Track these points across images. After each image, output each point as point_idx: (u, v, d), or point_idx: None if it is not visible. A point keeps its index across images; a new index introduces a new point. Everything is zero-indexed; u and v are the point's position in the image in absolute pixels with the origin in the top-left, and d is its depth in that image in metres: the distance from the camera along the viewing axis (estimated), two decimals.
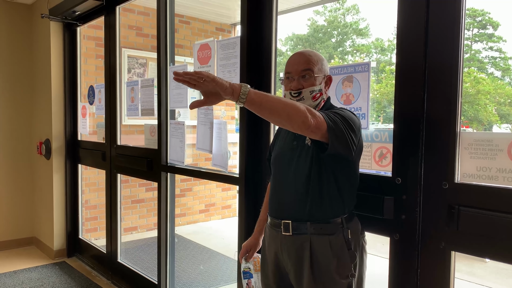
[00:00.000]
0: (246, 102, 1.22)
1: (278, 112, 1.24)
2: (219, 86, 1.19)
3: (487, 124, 14.21)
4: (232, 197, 6.01)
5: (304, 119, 1.25)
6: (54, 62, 4.02)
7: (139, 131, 4.87)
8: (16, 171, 4.42)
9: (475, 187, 1.35)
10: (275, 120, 1.28)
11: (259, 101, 1.23)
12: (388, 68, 16.95)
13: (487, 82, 14.90)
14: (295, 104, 1.27)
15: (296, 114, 1.25)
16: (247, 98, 1.21)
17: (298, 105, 1.27)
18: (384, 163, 1.66)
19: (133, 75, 4.93)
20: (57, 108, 4.05)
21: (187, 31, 5.38)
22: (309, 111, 1.28)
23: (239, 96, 1.21)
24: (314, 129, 1.28)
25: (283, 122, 1.28)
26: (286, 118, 1.25)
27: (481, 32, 18.46)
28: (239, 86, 1.22)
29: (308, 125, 1.26)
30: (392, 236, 1.56)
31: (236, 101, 1.22)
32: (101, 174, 4.48)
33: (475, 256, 1.40)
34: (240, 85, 1.22)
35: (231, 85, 1.21)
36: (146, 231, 5.13)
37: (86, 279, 3.57)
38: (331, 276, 1.43)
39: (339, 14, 24.41)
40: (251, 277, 1.78)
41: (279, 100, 1.26)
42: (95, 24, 4.15)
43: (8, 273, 3.68)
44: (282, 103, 1.25)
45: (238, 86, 1.22)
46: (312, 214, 1.46)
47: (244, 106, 1.23)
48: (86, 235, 4.39)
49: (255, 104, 1.23)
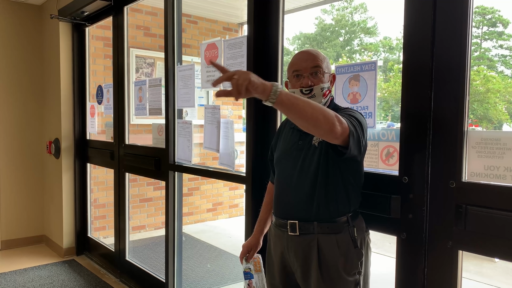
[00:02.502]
0: (276, 102, 1.19)
1: (306, 117, 1.22)
2: (252, 85, 1.16)
3: (497, 123, 14.06)
4: (239, 196, 6.02)
5: (331, 127, 1.24)
6: (63, 62, 4.06)
7: (147, 130, 4.90)
8: (26, 170, 4.48)
9: (482, 186, 1.35)
10: (302, 124, 1.26)
11: (289, 104, 1.20)
12: (396, 67, 16.86)
13: (497, 80, 14.74)
14: (324, 111, 1.24)
15: (325, 121, 1.23)
16: (277, 100, 1.18)
17: (327, 111, 1.25)
18: (391, 162, 1.66)
19: (141, 74, 4.96)
20: (66, 108, 4.09)
21: (194, 30, 5.40)
22: (337, 118, 1.26)
23: (269, 96, 1.18)
24: (340, 136, 1.28)
25: (309, 127, 1.26)
26: (314, 124, 1.23)
27: (490, 30, 18.27)
28: (270, 85, 1.19)
29: (335, 132, 1.25)
30: (399, 235, 1.56)
31: (266, 99, 1.19)
32: (109, 173, 4.52)
33: (483, 256, 1.39)
34: (271, 85, 1.19)
35: (263, 83, 1.19)
36: (154, 229, 5.16)
37: (95, 277, 3.61)
38: (339, 274, 1.44)
39: (347, 12, 24.31)
40: (251, 277, 1.78)
41: (309, 105, 1.23)
42: (103, 24, 4.18)
43: (19, 270, 3.73)
44: (311, 108, 1.22)
45: (269, 85, 1.19)
46: (319, 214, 1.46)
47: (273, 106, 1.21)
48: (94, 234, 4.43)
49: (285, 106, 1.20)
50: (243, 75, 1.15)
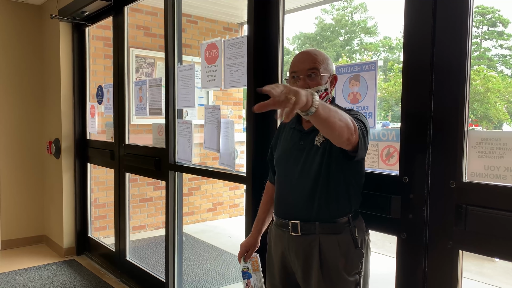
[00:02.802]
0: (314, 115, 1.13)
1: (334, 128, 1.21)
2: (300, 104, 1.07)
3: (497, 123, 14.06)
4: (239, 196, 6.02)
5: (350, 136, 1.27)
6: (64, 62, 4.07)
7: (147, 130, 4.90)
8: (26, 170, 4.48)
9: (483, 186, 1.35)
10: (327, 132, 1.25)
11: (325, 116, 1.16)
12: (396, 67, 16.86)
13: (497, 80, 14.74)
14: (348, 122, 1.25)
15: (347, 131, 1.25)
16: (316, 111, 1.13)
17: (350, 122, 1.26)
18: (391, 162, 1.66)
19: (141, 74, 4.96)
20: (66, 108, 4.09)
21: (194, 30, 5.40)
22: (354, 126, 1.28)
23: (309, 110, 1.12)
24: (353, 143, 1.31)
25: (334, 137, 1.26)
26: (339, 135, 1.24)
27: (490, 29, 18.26)
28: (311, 96, 1.11)
29: (351, 140, 1.29)
30: (399, 235, 1.56)
31: (307, 110, 1.12)
32: (109, 173, 4.52)
33: (483, 256, 1.39)
34: (311, 93, 1.12)
35: (306, 95, 1.09)
36: (154, 229, 5.16)
37: (95, 277, 3.61)
38: (340, 274, 1.44)
39: (347, 12, 24.30)
40: (249, 277, 1.78)
41: (339, 116, 1.22)
42: (103, 24, 4.19)
43: (19, 270, 3.73)
44: (339, 119, 1.21)
45: (310, 97, 1.11)
46: (321, 214, 1.46)
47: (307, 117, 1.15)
48: (95, 234, 4.44)
49: (320, 119, 1.16)
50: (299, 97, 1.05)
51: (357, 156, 1.37)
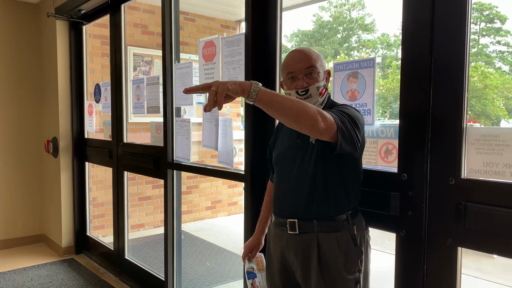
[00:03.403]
0: (256, 100, 1.22)
1: (286, 114, 1.24)
2: (231, 91, 1.21)
3: (495, 119, 14.08)
4: (238, 193, 6.02)
5: (313, 122, 1.24)
6: (61, 61, 4.05)
7: (145, 128, 4.89)
8: (25, 169, 4.46)
9: (482, 182, 1.35)
10: (284, 120, 1.27)
11: (268, 101, 1.23)
12: (394, 63, 16.84)
13: (495, 76, 14.74)
14: (305, 107, 1.25)
15: (306, 117, 1.24)
16: (257, 97, 1.21)
17: (308, 108, 1.25)
18: (390, 159, 1.66)
19: (139, 73, 4.95)
20: (63, 107, 4.08)
21: (192, 28, 5.39)
22: (320, 114, 1.26)
23: (249, 95, 1.21)
24: (324, 132, 1.28)
25: (291, 123, 1.27)
26: (295, 120, 1.24)
27: (488, 26, 18.26)
28: (249, 84, 1.22)
29: (318, 128, 1.25)
30: (399, 232, 1.56)
31: (247, 98, 1.22)
32: (108, 172, 4.51)
33: (482, 252, 1.39)
34: (250, 83, 1.22)
35: (240, 85, 1.22)
36: (153, 228, 5.16)
37: (94, 276, 3.61)
38: (339, 272, 1.44)
39: (345, 9, 24.26)
40: (255, 277, 1.78)
41: (289, 101, 1.24)
42: (100, 22, 4.17)
43: (18, 270, 3.73)
44: (291, 105, 1.24)
45: (248, 84, 1.22)
46: (319, 212, 1.46)
47: (254, 104, 1.23)
48: (93, 232, 4.43)
49: (264, 103, 1.23)
50: (222, 85, 1.19)
51: (338, 148, 1.32)
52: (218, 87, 1.19)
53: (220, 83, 1.20)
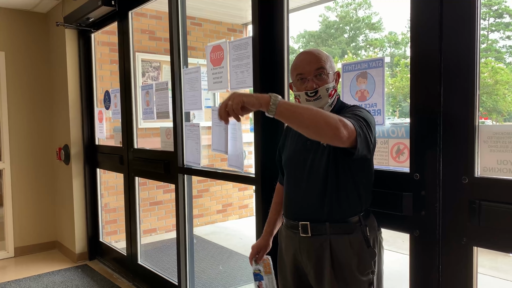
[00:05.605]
0: (276, 114, 1.22)
1: (307, 125, 1.22)
2: (247, 104, 1.22)
3: (507, 115, 13.89)
4: (248, 196, 6.02)
5: (336, 132, 1.22)
6: (70, 69, 4.10)
7: (155, 134, 4.92)
8: (37, 177, 4.52)
9: (496, 180, 1.33)
10: (304, 131, 1.26)
11: (289, 114, 1.22)
12: (402, 62, 16.73)
13: (506, 72, 14.56)
14: (326, 117, 1.22)
15: (328, 127, 1.21)
16: (277, 110, 1.21)
17: (329, 118, 1.23)
18: (401, 159, 1.64)
19: (148, 78, 4.98)
20: (74, 114, 4.12)
21: (199, 33, 5.41)
22: (342, 123, 1.24)
23: (269, 108, 1.21)
24: (346, 141, 1.26)
25: (311, 134, 1.26)
26: (316, 131, 1.23)
27: (497, 21, 18.04)
28: (267, 97, 1.21)
29: (340, 137, 1.23)
30: (412, 232, 1.54)
31: (266, 111, 1.22)
32: (119, 178, 4.54)
33: (498, 251, 1.37)
34: (269, 96, 1.21)
35: (258, 98, 1.22)
36: (165, 232, 5.18)
37: (108, 282, 3.63)
38: (353, 274, 1.43)
39: (351, 9, 24.18)
40: (261, 279, 1.76)
41: (310, 112, 1.22)
42: (108, 29, 4.21)
43: (33, 276, 3.77)
44: (313, 116, 1.21)
45: (267, 97, 1.21)
46: (331, 214, 1.45)
47: (274, 117, 1.23)
48: (106, 238, 4.46)
49: (285, 116, 1.22)
50: (236, 98, 1.21)
51: (356, 153, 1.30)
52: (233, 101, 1.20)
53: (235, 96, 1.21)
